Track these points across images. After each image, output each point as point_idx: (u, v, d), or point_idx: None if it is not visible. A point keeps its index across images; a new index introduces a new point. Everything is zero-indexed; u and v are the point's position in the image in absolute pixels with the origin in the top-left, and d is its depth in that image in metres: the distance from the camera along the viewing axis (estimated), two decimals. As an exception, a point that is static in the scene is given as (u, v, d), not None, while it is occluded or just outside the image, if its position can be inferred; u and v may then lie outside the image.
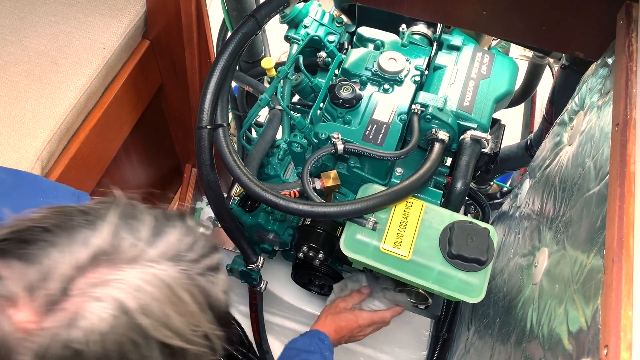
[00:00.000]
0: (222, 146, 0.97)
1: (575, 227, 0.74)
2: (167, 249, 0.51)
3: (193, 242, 0.53)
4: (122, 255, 0.48)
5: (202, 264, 0.53)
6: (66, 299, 0.46)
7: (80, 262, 0.47)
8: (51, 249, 0.47)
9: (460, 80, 1.04)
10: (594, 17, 0.85)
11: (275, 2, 1.02)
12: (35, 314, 0.45)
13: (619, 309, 0.52)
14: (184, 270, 0.50)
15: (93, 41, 1.17)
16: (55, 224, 0.49)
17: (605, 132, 0.74)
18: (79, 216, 0.50)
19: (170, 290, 0.49)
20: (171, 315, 0.49)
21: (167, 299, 0.48)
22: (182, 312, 0.49)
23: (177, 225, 0.53)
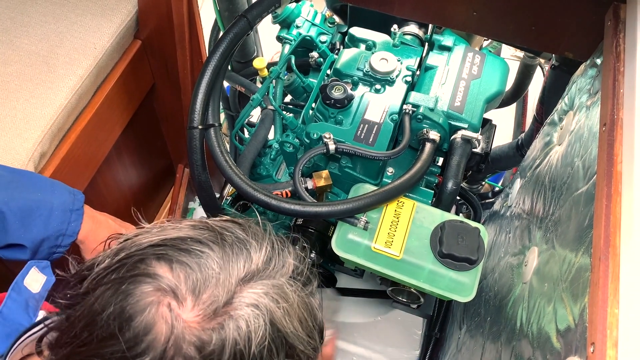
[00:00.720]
0: (214, 146, 0.97)
1: (564, 226, 0.75)
2: (288, 270, 0.59)
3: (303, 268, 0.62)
4: (266, 273, 0.57)
5: (310, 287, 0.63)
6: (229, 306, 0.53)
7: (240, 275, 0.55)
8: (210, 260, 0.54)
9: (451, 80, 1.04)
10: (583, 18, 0.86)
11: (267, 2, 1.02)
12: (201, 315, 0.52)
13: (605, 306, 0.53)
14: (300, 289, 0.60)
15: (84, 41, 1.17)
16: (210, 239, 0.56)
17: (594, 131, 0.75)
18: (230, 236, 0.58)
19: (297, 304, 0.58)
20: (297, 325, 0.57)
21: (295, 312, 0.57)
22: (302, 323, 0.58)
23: (292, 252, 0.62)
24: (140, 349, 0.51)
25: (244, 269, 0.55)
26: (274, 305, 0.55)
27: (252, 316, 0.53)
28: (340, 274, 1.28)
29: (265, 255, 0.58)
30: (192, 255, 0.54)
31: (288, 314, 0.56)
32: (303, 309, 0.59)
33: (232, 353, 0.52)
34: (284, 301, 0.56)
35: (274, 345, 0.55)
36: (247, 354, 0.52)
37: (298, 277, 0.60)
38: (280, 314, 0.55)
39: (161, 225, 0.59)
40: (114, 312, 0.51)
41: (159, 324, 0.51)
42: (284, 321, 0.55)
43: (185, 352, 0.51)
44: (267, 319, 0.54)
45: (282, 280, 0.57)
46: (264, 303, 0.54)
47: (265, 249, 0.58)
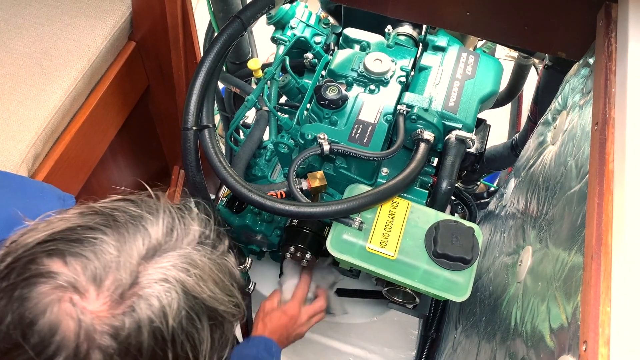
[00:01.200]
0: (208, 147, 0.97)
1: (557, 226, 0.75)
2: (194, 237, 0.58)
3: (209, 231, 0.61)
4: (169, 245, 0.56)
5: (220, 247, 0.61)
6: (136, 286, 0.51)
7: (141, 253, 0.53)
8: (105, 245, 0.52)
9: (445, 80, 1.05)
10: (575, 17, 0.86)
11: (260, 3, 1.02)
12: (108, 302, 0.50)
13: (597, 305, 0.53)
14: (210, 253, 0.58)
15: (78, 43, 1.17)
16: (101, 223, 0.54)
17: (587, 131, 0.75)
18: (122, 216, 0.56)
19: (209, 268, 0.57)
20: (214, 288, 0.56)
21: (209, 276, 0.56)
22: (220, 285, 0.57)
23: (195, 218, 0.60)
24: (50, 352, 0.49)
25: (144, 246, 0.54)
26: (184, 274, 0.54)
27: (163, 291, 0.52)
28: (336, 275, 1.28)
29: (164, 227, 0.56)
30: (85, 244, 0.52)
31: (201, 280, 0.55)
32: (217, 270, 0.58)
33: (151, 332, 0.51)
34: (194, 268, 0.55)
35: (193, 313, 0.54)
36: (166, 329, 0.52)
37: (206, 241, 0.59)
38: (193, 281, 0.54)
39: (46, 219, 0.56)
40: (12, 321, 0.49)
41: (65, 321, 0.49)
42: (198, 288, 0.54)
43: (99, 343, 0.50)
44: (179, 289, 0.53)
45: (189, 249, 0.56)
46: (173, 275, 0.53)
47: (162, 221, 0.57)
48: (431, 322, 1.35)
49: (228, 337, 0.61)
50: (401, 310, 1.14)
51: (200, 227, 0.60)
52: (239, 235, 1.19)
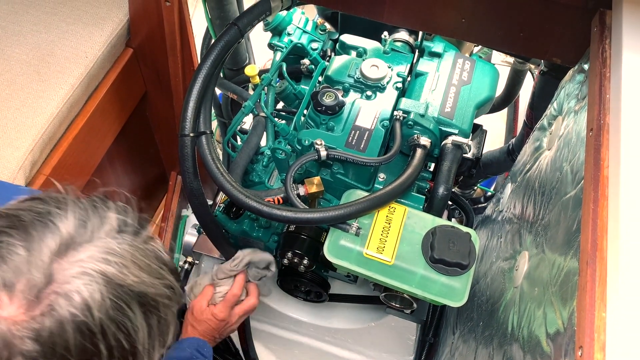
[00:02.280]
0: (205, 154, 0.97)
1: (553, 231, 0.76)
2: (111, 226, 0.57)
3: (128, 218, 0.59)
4: (84, 237, 0.54)
5: (142, 233, 0.60)
6: (51, 284, 0.50)
7: (53, 250, 0.51)
8: (12, 248, 0.51)
9: (441, 86, 1.05)
10: (570, 24, 0.87)
11: (257, 10, 1.02)
12: (24, 305, 0.49)
13: (593, 310, 0.53)
14: (131, 239, 0.57)
15: (76, 50, 1.17)
16: (5, 225, 0.53)
17: (582, 136, 0.75)
18: (27, 215, 0.54)
19: (131, 254, 0.55)
20: (139, 273, 0.55)
21: (132, 262, 0.55)
22: (146, 270, 0.56)
23: (111, 207, 0.59)
24: None
25: (55, 242, 0.52)
26: (103, 264, 0.53)
27: (82, 284, 0.51)
28: (334, 280, 1.28)
29: (75, 220, 0.55)
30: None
31: (124, 267, 0.54)
32: (141, 255, 0.57)
33: (76, 327, 0.50)
34: (113, 256, 0.54)
35: (121, 302, 0.53)
36: (92, 321, 0.50)
37: (126, 229, 0.58)
38: (114, 269, 0.53)
39: None
40: None
41: None
42: (121, 275, 0.53)
43: (21, 349, 0.48)
44: (100, 280, 0.52)
45: (106, 238, 0.55)
46: (91, 267, 0.52)
47: (73, 215, 0.55)
48: (429, 327, 1.35)
49: (168, 322, 0.59)
50: (399, 315, 1.14)
51: (119, 215, 0.58)
52: (237, 241, 1.19)
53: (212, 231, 1.08)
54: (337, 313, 1.40)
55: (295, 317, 1.40)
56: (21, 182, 1.04)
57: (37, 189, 1.08)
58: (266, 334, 1.46)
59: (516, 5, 0.88)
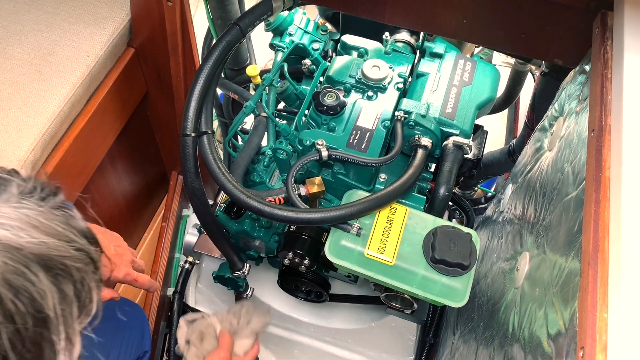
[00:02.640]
0: (207, 153, 0.97)
1: (554, 232, 0.76)
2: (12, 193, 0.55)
3: (34, 186, 0.58)
4: None
5: (50, 200, 0.58)
6: None
7: None
8: None
9: (442, 87, 1.05)
10: (571, 25, 0.87)
11: (259, 10, 1.02)
12: None
13: (594, 311, 0.53)
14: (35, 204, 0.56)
15: (77, 49, 1.17)
16: None
17: (583, 137, 0.75)
18: None
19: (31, 218, 0.54)
20: (41, 236, 0.53)
21: (31, 225, 0.53)
22: (48, 232, 0.54)
23: (14, 175, 0.58)
24: None
25: None
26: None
27: None
28: (334, 280, 1.28)
29: None
30: None
31: (21, 230, 0.52)
32: (46, 219, 0.55)
33: None
34: (10, 221, 0.52)
35: (19, 265, 0.51)
36: None
37: (28, 196, 0.56)
38: (9, 234, 0.51)
39: None
40: None
41: None
42: (16, 238, 0.51)
43: None
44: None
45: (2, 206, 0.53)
46: None
47: None
48: (429, 328, 1.35)
49: (88, 288, 0.58)
50: (399, 315, 1.14)
51: (22, 182, 0.57)
52: (237, 240, 1.19)
53: (213, 231, 1.09)
54: (338, 313, 1.41)
55: (295, 317, 1.41)
56: (22, 181, 1.04)
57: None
58: (266, 333, 1.47)
59: (517, 6, 0.88)
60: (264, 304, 1.41)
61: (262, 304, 1.41)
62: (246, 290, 1.27)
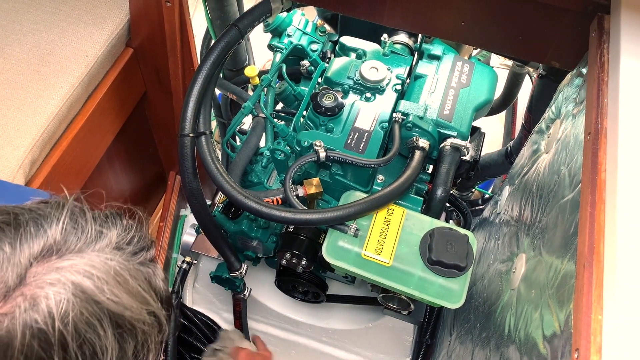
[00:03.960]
0: (205, 154, 0.97)
1: (550, 234, 0.76)
2: (109, 241, 0.56)
3: (132, 238, 0.59)
4: (72, 246, 0.53)
5: (140, 255, 0.59)
6: (23, 286, 0.49)
7: (33, 253, 0.51)
8: (1, 244, 0.51)
9: (440, 89, 1.06)
10: (569, 28, 0.88)
11: (258, 11, 1.03)
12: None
13: (589, 313, 0.54)
14: (126, 259, 0.56)
15: (76, 49, 1.17)
16: (2, 220, 0.53)
17: (579, 140, 0.76)
18: (26, 215, 0.54)
19: (117, 273, 0.54)
20: (120, 294, 0.54)
21: (116, 281, 0.54)
22: (129, 292, 0.55)
23: (117, 223, 0.59)
24: None
25: (39, 246, 0.52)
26: (83, 277, 0.52)
27: (53, 292, 0.50)
28: (332, 281, 1.28)
29: (67, 227, 0.54)
30: None
31: (106, 284, 0.53)
32: (130, 277, 0.56)
33: (33, 334, 0.48)
34: (97, 271, 0.53)
35: (93, 318, 0.51)
36: (52, 332, 0.49)
37: (125, 247, 0.57)
38: (93, 285, 0.52)
39: None
40: None
41: None
42: (98, 291, 0.52)
43: None
44: (76, 291, 0.51)
45: (97, 253, 0.54)
46: (68, 277, 0.51)
47: (66, 222, 0.54)
48: (426, 329, 1.35)
49: (148, 350, 0.58)
50: (396, 316, 1.14)
51: (122, 232, 0.58)
52: (235, 241, 1.19)
53: (211, 231, 1.09)
54: (335, 314, 1.41)
55: (292, 318, 1.41)
56: (21, 181, 1.04)
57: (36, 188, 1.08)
58: (263, 334, 1.47)
59: (515, 9, 0.89)
60: (261, 304, 1.41)
61: (260, 304, 1.42)
62: (243, 291, 1.28)
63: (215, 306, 1.47)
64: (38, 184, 1.08)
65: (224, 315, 1.50)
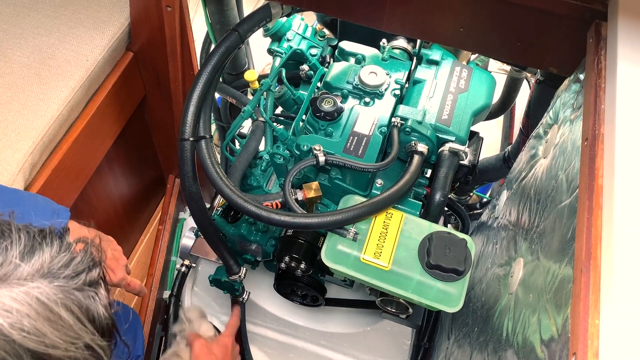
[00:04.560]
0: (205, 158, 0.98)
1: (548, 238, 0.77)
2: (40, 266, 0.51)
3: (70, 259, 0.53)
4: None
5: (79, 279, 0.53)
6: None
7: None
8: None
9: (439, 94, 1.06)
10: (566, 35, 0.88)
11: (258, 16, 1.03)
12: None
13: (586, 317, 0.54)
14: (59, 286, 0.51)
15: (76, 53, 1.18)
16: None
17: (577, 145, 0.76)
18: None
19: (44, 306, 0.49)
20: (45, 330, 0.49)
21: (40, 315, 0.48)
22: (58, 326, 0.50)
23: (53, 243, 0.53)
24: None
25: None
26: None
27: None
28: (330, 284, 1.29)
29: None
30: None
31: (28, 318, 0.47)
32: (64, 306, 0.50)
33: None
34: (21, 305, 0.47)
35: (9, 356, 0.46)
36: None
37: (59, 271, 0.51)
38: (11, 321, 0.46)
39: None
40: None
41: None
42: (19, 330, 0.46)
43: None
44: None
45: (18, 281, 0.48)
46: None
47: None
48: (424, 332, 1.36)
49: None
50: (394, 320, 1.15)
51: (58, 253, 0.52)
52: (234, 244, 1.20)
53: (210, 234, 1.09)
54: (333, 317, 1.41)
55: (291, 321, 1.41)
56: (20, 184, 1.05)
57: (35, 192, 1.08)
58: (262, 337, 1.47)
59: (513, 16, 0.90)
60: (260, 308, 1.42)
61: (258, 307, 1.42)
62: (242, 294, 1.28)
63: (214, 309, 1.48)
64: (38, 187, 1.09)
65: (222, 319, 1.50)
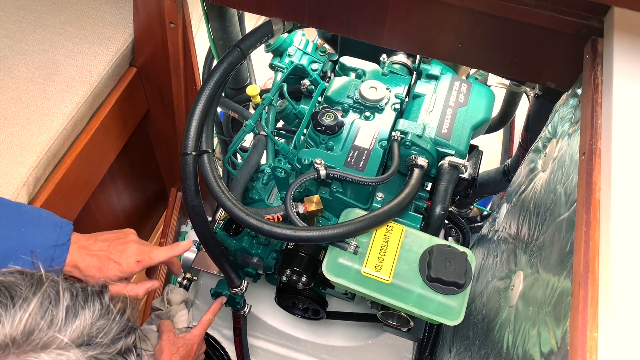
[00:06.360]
0: (207, 172, 0.99)
1: (547, 251, 0.77)
2: (79, 333, 0.50)
3: (107, 325, 0.53)
4: (32, 343, 0.47)
5: (115, 347, 0.53)
6: None
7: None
8: None
9: (438, 108, 1.08)
10: (563, 50, 0.90)
11: (260, 33, 1.05)
12: None
13: (585, 330, 0.55)
14: (94, 356, 0.50)
15: (81, 69, 1.19)
16: None
17: (575, 159, 0.77)
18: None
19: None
20: None
21: None
22: None
23: (94, 307, 0.53)
24: None
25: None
26: None
27: None
28: (332, 298, 1.29)
29: (29, 320, 0.47)
30: None
31: None
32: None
33: None
34: None
35: None
36: None
37: (96, 340, 0.51)
38: None
39: None
40: None
41: None
42: None
43: None
44: None
45: (57, 351, 0.47)
46: None
47: (29, 313, 0.47)
48: (425, 345, 1.35)
49: None
50: (395, 333, 1.15)
51: (97, 319, 0.52)
52: (236, 257, 1.20)
53: (212, 248, 1.10)
54: (335, 330, 1.41)
55: (292, 334, 1.41)
56: (24, 198, 1.06)
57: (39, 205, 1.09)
58: (263, 350, 1.47)
59: (511, 32, 0.91)
60: (261, 321, 1.42)
61: (260, 320, 1.42)
62: (243, 307, 1.28)
63: (215, 323, 1.48)
64: (42, 201, 1.10)
65: (223, 332, 1.50)
